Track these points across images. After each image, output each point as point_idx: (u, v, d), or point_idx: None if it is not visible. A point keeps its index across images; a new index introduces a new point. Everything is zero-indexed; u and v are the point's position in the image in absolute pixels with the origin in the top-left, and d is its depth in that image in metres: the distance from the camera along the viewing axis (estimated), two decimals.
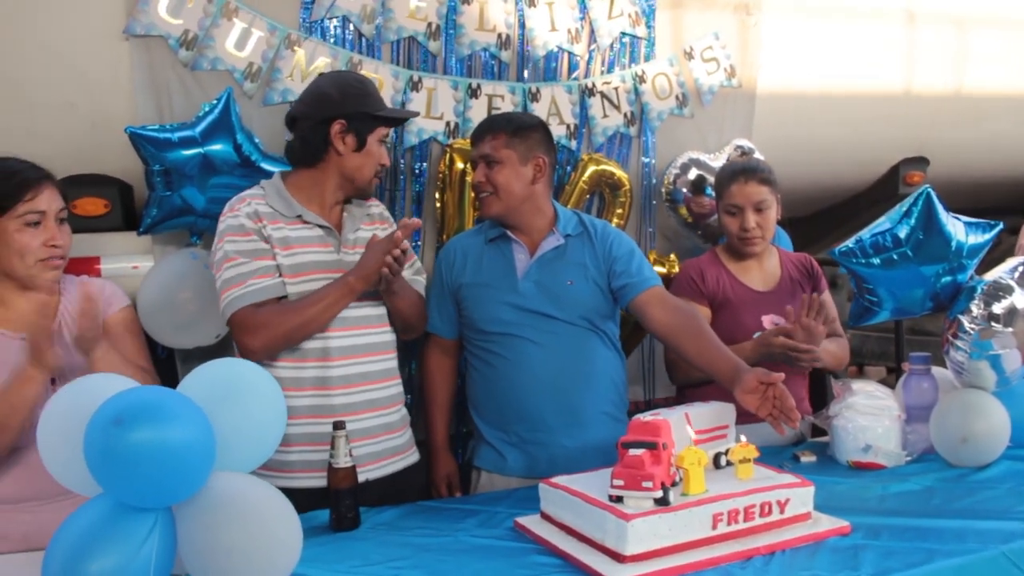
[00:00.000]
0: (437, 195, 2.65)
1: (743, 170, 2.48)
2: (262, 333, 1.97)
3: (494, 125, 2.25)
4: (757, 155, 2.90)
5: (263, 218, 2.01)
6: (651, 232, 2.93)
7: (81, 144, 2.35)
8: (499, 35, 2.66)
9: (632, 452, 1.70)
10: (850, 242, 2.21)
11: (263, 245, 1.99)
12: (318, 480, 1.95)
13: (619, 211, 2.82)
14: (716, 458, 1.92)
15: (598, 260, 2.27)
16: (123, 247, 2.40)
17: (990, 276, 2.21)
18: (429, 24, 2.57)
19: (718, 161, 2.86)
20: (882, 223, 2.19)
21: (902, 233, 2.15)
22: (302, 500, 1.86)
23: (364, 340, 2.08)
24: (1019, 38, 3.53)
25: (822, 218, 3.79)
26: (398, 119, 2.23)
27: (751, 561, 1.63)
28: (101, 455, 1.38)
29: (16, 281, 1.86)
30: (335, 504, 1.89)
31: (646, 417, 1.82)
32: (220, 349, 2.37)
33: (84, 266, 2.35)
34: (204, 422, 1.48)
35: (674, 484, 1.72)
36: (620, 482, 1.67)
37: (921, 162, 3.50)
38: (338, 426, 1.88)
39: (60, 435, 1.47)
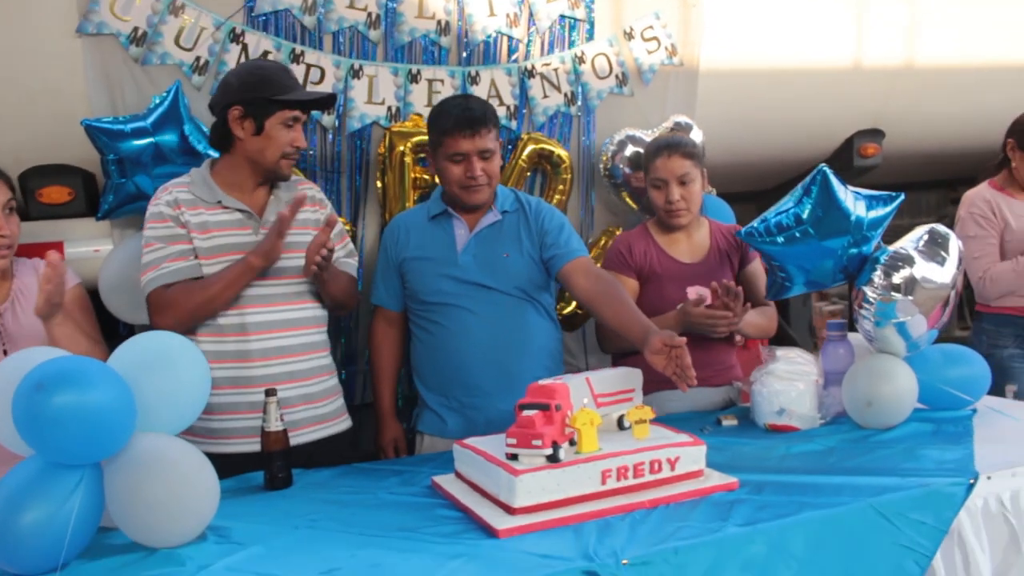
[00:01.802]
0: (379, 176, 2.78)
1: (667, 145, 2.56)
2: (170, 312, 2.12)
3: (487, 118, 2.35)
4: (695, 131, 2.99)
5: (181, 205, 2.16)
6: (593, 207, 3.04)
7: (44, 137, 2.52)
8: (438, 22, 2.78)
9: (526, 413, 1.84)
10: (755, 223, 2.31)
11: (179, 231, 2.14)
12: (243, 446, 2.13)
13: (560, 187, 2.94)
14: (620, 420, 2.05)
15: (532, 234, 2.43)
16: (85, 232, 2.58)
17: (893, 247, 2.31)
18: (369, 14, 2.69)
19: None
20: (785, 202, 2.29)
21: (803, 212, 2.24)
22: (228, 465, 2.04)
23: (283, 316, 2.22)
24: (973, 8, 3.56)
25: (785, 190, 3.86)
26: (299, 101, 2.21)
27: (632, 514, 1.76)
28: (25, 418, 1.55)
29: None
30: (268, 465, 2.06)
31: (545, 381, 1.97)
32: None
33: (49, 250, 2.52)
34: (123, 387, 1.64)
35: (572, 443, 1.87)
36: (513, 440, 1.81)
37: (876, 134, 3.57)
38: (269, 393, 2.03)
39: (1, 402, 1.63)
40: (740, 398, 2.65)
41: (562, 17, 2.94)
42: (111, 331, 2.50)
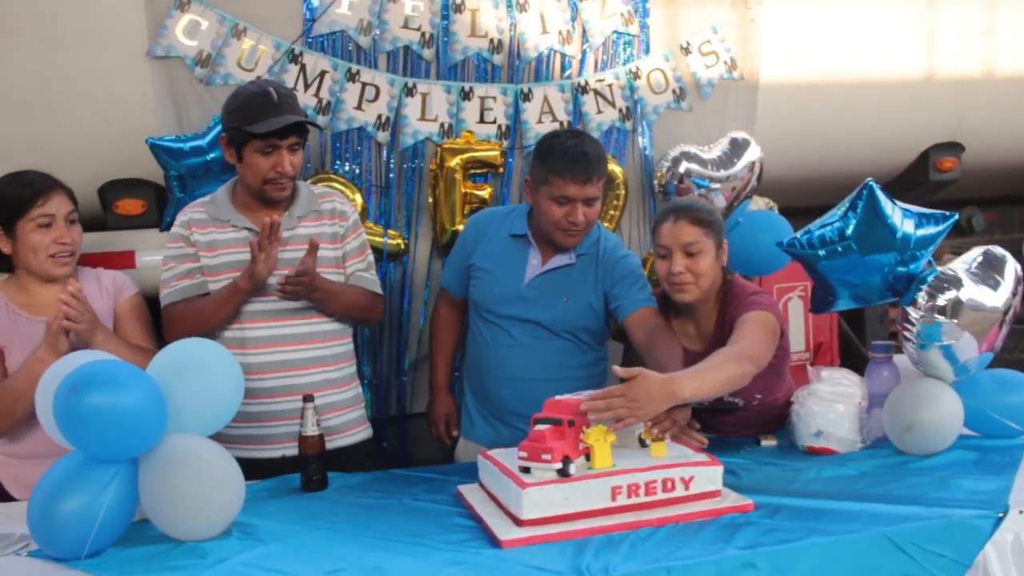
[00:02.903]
0: (430, 191, 2.86)
1: (675, 209, 2.32)
2: (175, 328, 2.27)
3: (601, 166, 2.33)
4: (753, 146, 2.95)
5: (193, 225, 2.29)
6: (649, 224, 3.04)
7: (119, 153, 2.70)
8: (491, 40, 2.84)
9: (538, 427, 1.88)
10: (798, 234, 2.27)
11: (188, 250, 2.29)
12: (248, 452, 2.26)
13: (615, 202, 2.96)
14: (640, 437, 2.06)
15: (598, 282, 2.45)
16: (155, 242, 2.74)
17: (942, 267, 2.23)
18: (423, 33, 2.78)
19: (710, 153, 2.94)
20: (831, 216, 2.25)
21: (847, 226, 2.19)
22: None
23: (283, 331, 2.30)
24: None
25: None
26: (264, 134, 2.19)
27: (638, 532, 1.77)
28: (62, 416, 1.69)
29: (36, 274, 2.22)
30: (304, 467, 2.16)
31: (561, 396, 2.00)
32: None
33: (122, 259, 2.72)
34: (153, 389, 1.77)
35: (587, 458, 1.90)
36: (524, 454, 1.85)
37: (954, 148, 3.43)
38: (307, 399, 2.14)
39: (49, 401, 1.77)
40: None
41: (616, 33, 2.96)
42: None
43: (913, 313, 2.19)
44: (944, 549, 1.76)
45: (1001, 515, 1.81)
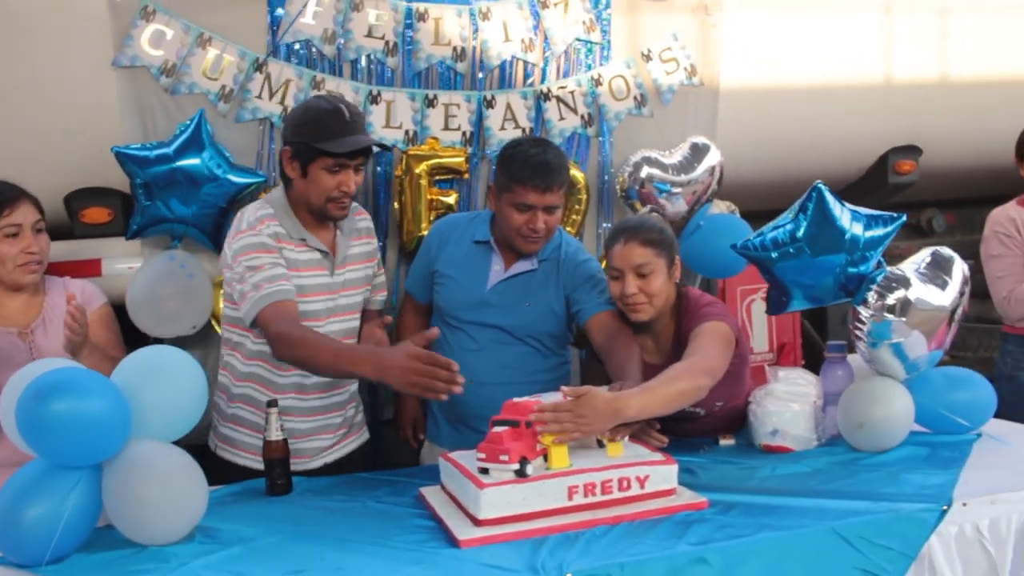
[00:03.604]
0: (396, 197, 2.89)
1: (624, 230, 2.32)
2: (295, 346, 2.09)
3: (562, 174, 2.36)
4: (713, 151, 3.01)
5: (280, 239, 2.23)
6: (607, 228, 3.09)
7: (85, 162, 2.72)
8: (454, 48, 2.87)
9: (496, 429, 1.92)
10: (751, 237, 2.32)
11: (281, 263, 2.20)
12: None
13: (576, 207, 3.00)
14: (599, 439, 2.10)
15: (560, 287, 2.49)
16: (121, 250, 2.77)
17: (891, 268, 2.29)
18: (387, 42, 2.81)
19: (670, 158, 2.99)
20: (783, 219, 2.30)
21: (798, 228, 2.24)
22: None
23: None
24: (1006, 18, 3.48)
25: None
26: (338, 153, 2.18)
27: (594, 530, 1.81)
28: (25, 423, 1.71)
29: (3, 283, 2.24)
30: (268, 472, 2.19)
31: (520, 399, 2.04)
32: (198, 338, 2.73)
33: (89, 267, 2.74)
34: (117, 396, 1.79)
35: (545, 459, 1.94)
36: (482, 455, 1.89)
37: (912, 151, 3.50)
38: (271, 404, 2.16)
39: (11, 409, 1.79)
40: None
41: (578, 41, 3.00)
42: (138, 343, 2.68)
43: (864, 312, 2.25)
44: (891, 542, 1.82)
45: (945, 508, 1.88)
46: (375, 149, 2.34)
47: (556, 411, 1.91)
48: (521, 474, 1.86)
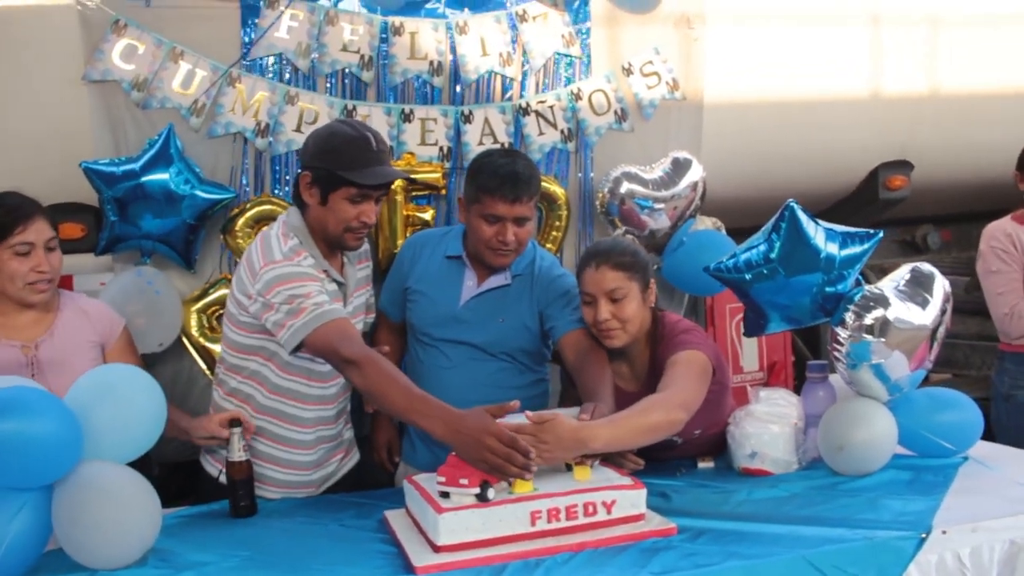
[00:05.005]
0: None
1: (596, 254, 2.26)
2: (369, 375, 1.99)
3: (532, 185, 2.31)
4: (695, 166, 2.96)
5: (319, 270, 2.17)
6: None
7: (57, 178, 2.65)
8: (431, 62, 2.83)
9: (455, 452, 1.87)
10: (724, 258, 2.26)
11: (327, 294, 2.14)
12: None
13: (557, 224, 2.95)
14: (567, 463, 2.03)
15: (533, 303, 2.44)
16: (92, 266, 2.73)
17: (869, 286, 2.23)
18: (362, 56, 2.77)
19: (651, 174, 2.94)
20: (756, 239, 2.24)
21: (772, 248, 2.18)
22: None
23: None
24: (996, 30, 3.43)
25: None
26: (364, 185, 2.12)
27: (555, 557, 1.75)
28: None
29: (12, 300, 2.19)
30: (232, 494, 2.13)
31: None
32: (165, 356, 2.68)
33: (61, 283, 2.68)
34: (67, 416, 1.75)
35: (508, 482, 1.87)
36: (442, 479, 1.84)
37: (903, 166, 3.44)
38: (233, 424, 2.11)
39: None
40: None
41: (557, 55, 2.96)
42: None
43: (842, 333, 2.19)
44: (866, 572, 1.75)
45: (924, 536, 1.81)
46: None
47: (519, 434, 1.85)
48: (482, 498, 1.80)
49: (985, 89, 3.49)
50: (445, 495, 1.82)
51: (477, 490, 1.80)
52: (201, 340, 2.74)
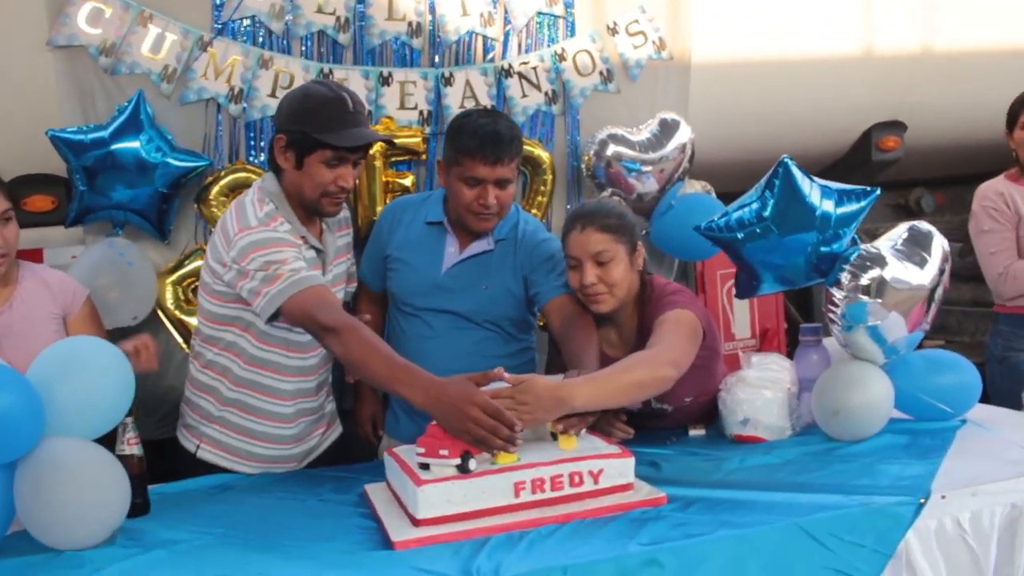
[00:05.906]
0: None
1: (581, 216, 2.19)
2: (349, 342, 1.91)
3: (513, 146, 2.23)
4: (683, 127, 2.88)
5: (296, 237, 2.10)
6: None
7: (25, 148, 2.58)
8: (409, 23, 2.74)
9: (437, 421, 1.80)
10: (715, 217, 2.19)
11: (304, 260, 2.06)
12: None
13: (542, 188, 2.87)
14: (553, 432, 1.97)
15: (517, 268, 2.36)
16: (63, 239, 2.66)
17: (866, 245, 2.16)
18: (338, 18, 2.68)
19: (638, 136, 2.85)
20: (749, 197, 2.17)
21: (765, 206, 2.11)
22: None
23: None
24: None
25: None
26: (340, 147, 2.04)
27: (540, 529, 1.69)
28: None
29: None
30: None
31: None
32: (139, 329, 2.59)
33: (31, 256, 2.57)
34: (27, 389, 1.67)
35: (492, 453, 1.81)
36: (422, 450, 1.77)
37: (896, 127, 3.37)
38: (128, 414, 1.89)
39: None
40: None
41: (540, 14, 2.87)
42: None
43: (837, 294, 2.11)
44: (863, 539, 1.69)
45: (922, 501, 1.75)
46: None
47: (496, 398, 1.78)
48: (463, 470, 1.73)
49: (980, 47, 3.41)
50: (425, 467, 1.76)
51: (458, 461, 1.73)
52: (177, 313, 2.66)
